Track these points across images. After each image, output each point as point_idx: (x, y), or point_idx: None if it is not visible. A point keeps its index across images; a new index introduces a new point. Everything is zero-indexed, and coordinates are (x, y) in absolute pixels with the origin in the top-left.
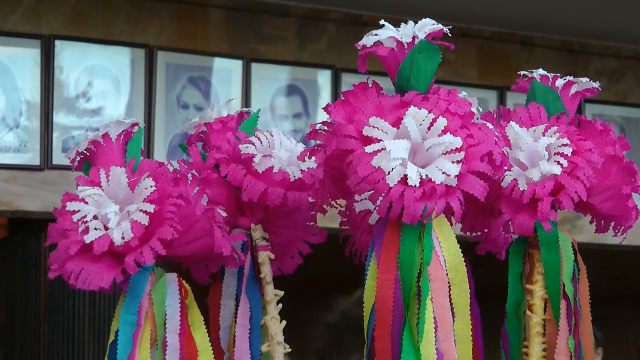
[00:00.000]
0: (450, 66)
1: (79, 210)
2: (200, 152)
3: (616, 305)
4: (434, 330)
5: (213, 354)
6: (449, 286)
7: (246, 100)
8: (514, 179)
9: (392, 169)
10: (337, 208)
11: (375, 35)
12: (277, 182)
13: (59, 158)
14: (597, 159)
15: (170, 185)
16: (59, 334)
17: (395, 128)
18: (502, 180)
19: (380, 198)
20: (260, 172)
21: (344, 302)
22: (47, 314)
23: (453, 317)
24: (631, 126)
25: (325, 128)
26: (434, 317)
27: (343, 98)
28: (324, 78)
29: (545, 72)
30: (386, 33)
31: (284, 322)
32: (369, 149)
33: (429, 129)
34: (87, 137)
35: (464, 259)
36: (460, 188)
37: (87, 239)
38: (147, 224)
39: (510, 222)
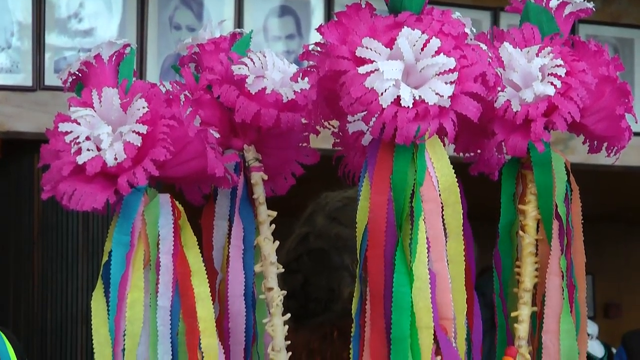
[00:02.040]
0: None
1: (71, 131)
2: (193, 74)
3: (608, 225)
4: (426, 250)
5: (206, 274)
6: (442, 207)
7: (239, 21)
8: (507, 100)
9: (385, 90)
10: (330, 129)
11: None
12: (270, 103)
13: (51, 79)
14: (590, 79)
15: (163, 106)
16: (52, 254)
17: (389, 49)
18: (496, 102)
19: (373, 119)
20: (253, 93)
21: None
22: (40, 235)
23: (446, 237)
24: (625, 47)
25: (318, 49)
26: (427, 238)
27: (336, 19)
28: None
29: None
30: None
31: (277, 243)
32: (362, 69)
33: (422, 49)
34: (79, 58)
35: (457, 180)
36: (454, 109)
37: (80, 160)
38: (139, 145)
39: (503, 143)
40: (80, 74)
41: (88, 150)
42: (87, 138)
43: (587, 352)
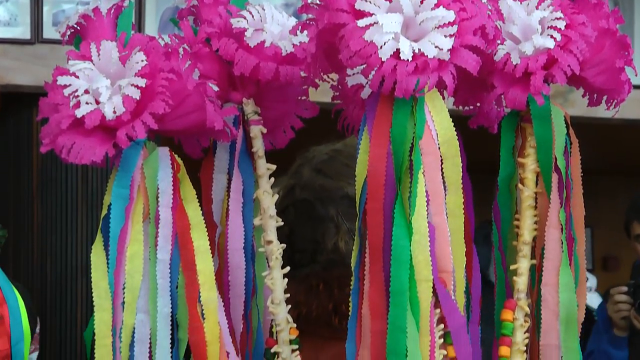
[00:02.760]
0: None
1: (70, 85)
2: (192, 27)
3: (607, 178)
4: (425, 204)
5: (206, 227)
6: (441, 160)
7: None
8: (507, 52)
9: (385, 43)
10: (329, 82)
11: None
12: (268, 57)
13: (49, 32)
14: (590, 32)
15: (162, 59)
16: (52, 208)
17: (388, 2)
18: (495, 54)
19: (373, 72)
20: (252, 46)
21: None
22: (40, 189)
23: (445, 191)
24: (624, 0)
25: (317, 2)
26: (426, 191)
27: None
28: None
29: None
30: None
31: (276, 196)
32: (361, 22)
33: (421, 2)
34: (78, 11)
35: (456, 133)
36: (453, 62)
37: (79, 113)
38: (138, 98)
39: (502, 96)
40: (78, 27)
41: (87, 103)
42: (86, 91)
43: (585, 305)
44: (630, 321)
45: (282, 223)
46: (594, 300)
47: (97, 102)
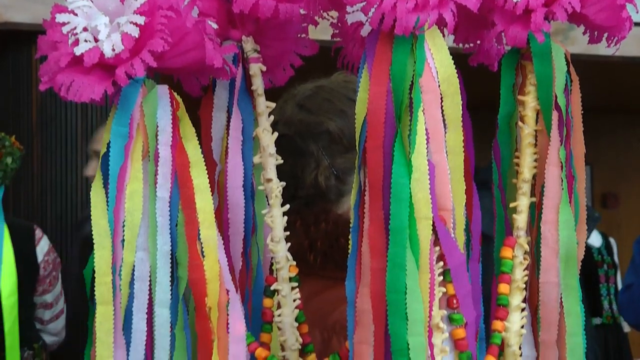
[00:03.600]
0: None
1: (68, 22)
2: None
3: (607, 115)
4: (425, 142)
5: (205, 165)
6: (441, 98)
7: None
8: None
9: None
10: (329, 20)
11: None
12: None
13: None
14: None
15: None
16: (51, 145)
17: None
18: None
19: (373, 9)
20: None
21: None
22: (39, 126)
23: (445, 129)
24: None
25: None
26: (426, 129)
27: None
28: None
29: None
30: None
31: (276, 134)
32: None
33: None
34: None
35: (456, 71)
36: None
37: (77, 50)
38: (137, 36)
39: (503, 34)
40: None
41: (85, 41)
42: (85, 29)
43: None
44: None
45: (282, 161)
46: (592, 237)
47: (96, 40)
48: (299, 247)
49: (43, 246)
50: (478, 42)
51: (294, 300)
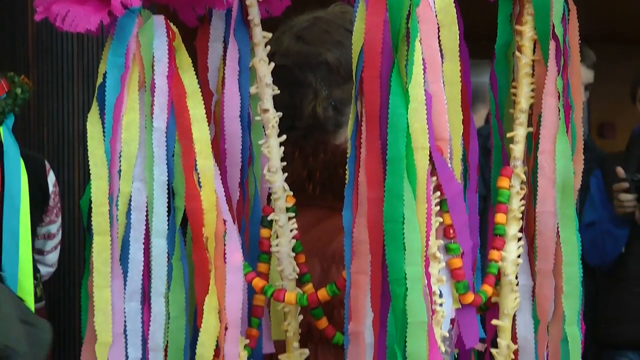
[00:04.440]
0: None
1: None
2: None
3: (605, 46)
4: (422, 72)
5: (202, 96)
6: (438, 28)
7: None
8: None
9: None
10: None
11: None
12: None
13: None
14: None
15: None
16: (48, 76)
17: None
18: None
19: None
20: None
21: None
22: (35, 58)
23: (442, 59)
24: None
25: None
26: (423, 59)
27: None
28: None
29: None
30: None
31: (272, 65)
32: None
33: None
34: None
35: (453, 0)
36: None
37: None
38: None
39: None
40: None
41: None
42: None
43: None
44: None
45: (279, 92)
46: None
47: None
48: (298, 177)
49: (52, 177)
50: None
51: (291, 230)
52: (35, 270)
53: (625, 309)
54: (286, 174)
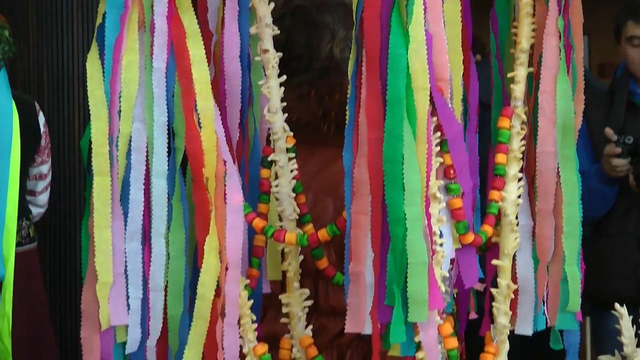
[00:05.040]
0: None
1: None
2: None
3: None
4: (423, 12)
5: (201, 36)
6: None
7: None
8: None
9: None
10: None
11: None
12: None
13: None
14: None
15: None
16: (47, 16)
17: None
18: None
19: None
20: None
21: None
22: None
23: None
24: None
25: None
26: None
27: None
28: None
29: None
30: None
31: (272, 4)
32: None
33: None
34: None
35: None
36: None
37: None
38: None
39: None
40: None
41: None
42: None
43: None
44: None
45: (279, 32)
46: None
47: None
48: (313, 117)
49: (42, 118)
50: None
51: (291, 171)
52: (28, 212)
53: (610, 265)
54: (286, 115)
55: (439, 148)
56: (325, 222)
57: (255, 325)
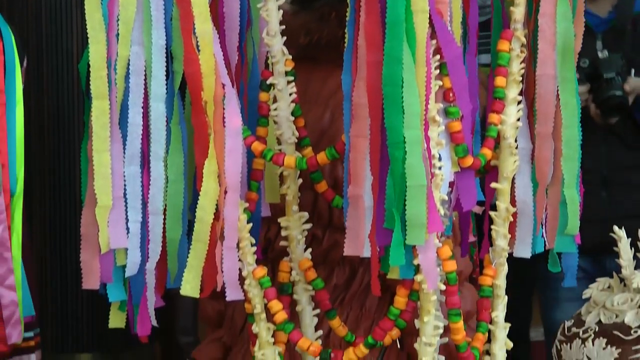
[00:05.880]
0: None
1: None
2: None
3: None
4: None
5: None
6: None
7: None
8: None
9: None
10: None
11: None
12: None
13: None
14: None
15: None
16: None
17: None
18: None
19: None
20: None
21: None
22: None
23: None
24: None
25: None
26: None
27: None
28: None
29: None
30: None
31: None
32: None
33: None
34: None
35: None
36: None
37: None
38: None
39: None
40: None
41: None
42: None
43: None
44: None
45: None
46: None
47: None
48: (333, 37)
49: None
50: None
51: (290, 94)
52: None
53: None
54: (284, 38)
55: (438, 71)
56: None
57: (254, 248)
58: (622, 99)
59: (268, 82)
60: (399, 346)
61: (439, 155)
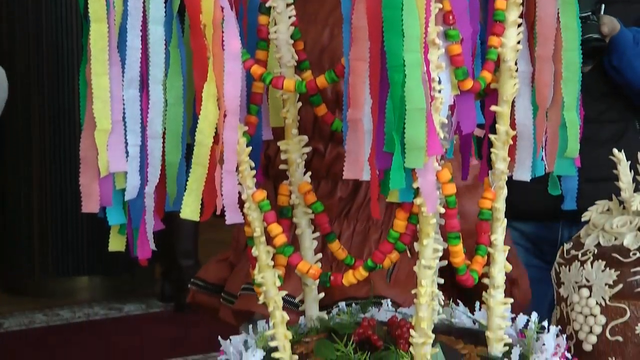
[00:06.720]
0: None
1: None
2: None
3: None
4: None
5: None
6: None
7: None
8: None
9: None
10: None
11: None
12: None
13: None
14: None
15: None
16: None
17: None
18: None
19: None
20: None
21: None
22: None
23: None
24: None
25: None
26: None
27: None
28: None
29: None
30: None
31: None
32: None
33: None
34: None
35: None
36: None
37: None
38: None
39: None
40: None
41: None
42: None
43: None
44: None
45: None
46: None
47: None
48: None
49: None
50: None
51: (289, 17)
52: None
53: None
54: None
55: None
56: (340, 56)
57: (254, 172)
58: (600, 43)
59: (267, 4)
60: (409, 255)
61: (439, 78)
